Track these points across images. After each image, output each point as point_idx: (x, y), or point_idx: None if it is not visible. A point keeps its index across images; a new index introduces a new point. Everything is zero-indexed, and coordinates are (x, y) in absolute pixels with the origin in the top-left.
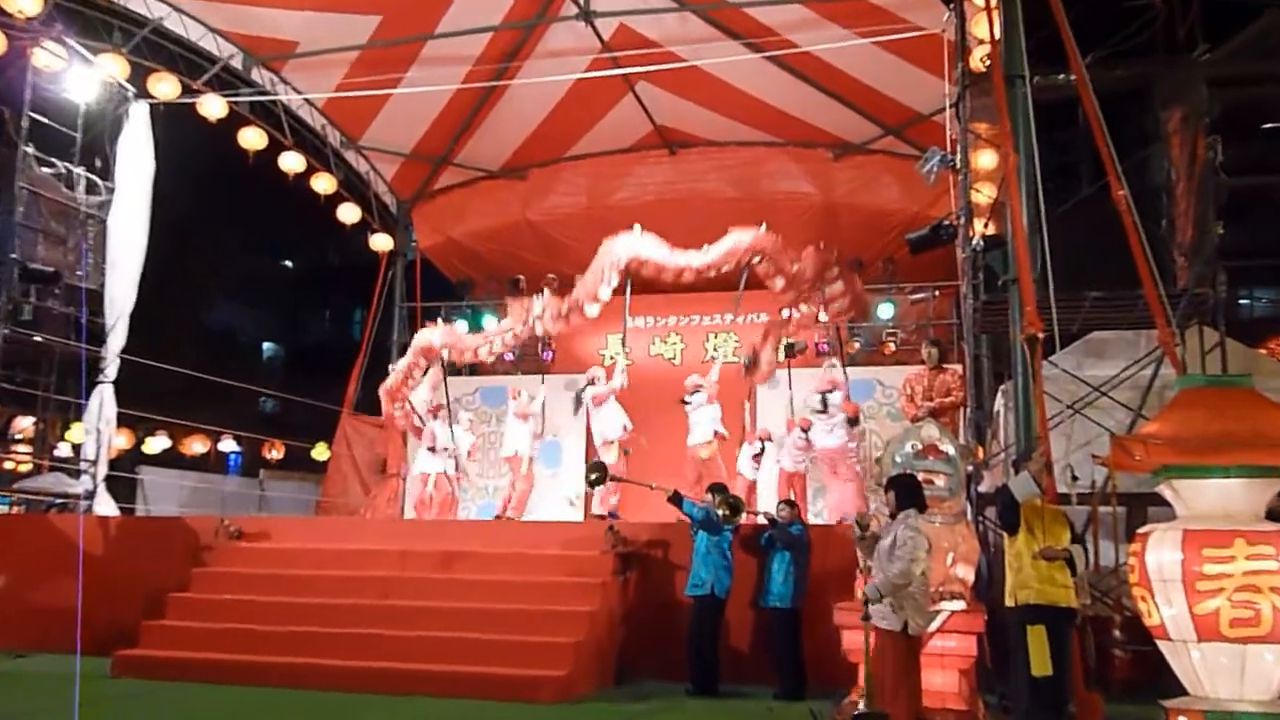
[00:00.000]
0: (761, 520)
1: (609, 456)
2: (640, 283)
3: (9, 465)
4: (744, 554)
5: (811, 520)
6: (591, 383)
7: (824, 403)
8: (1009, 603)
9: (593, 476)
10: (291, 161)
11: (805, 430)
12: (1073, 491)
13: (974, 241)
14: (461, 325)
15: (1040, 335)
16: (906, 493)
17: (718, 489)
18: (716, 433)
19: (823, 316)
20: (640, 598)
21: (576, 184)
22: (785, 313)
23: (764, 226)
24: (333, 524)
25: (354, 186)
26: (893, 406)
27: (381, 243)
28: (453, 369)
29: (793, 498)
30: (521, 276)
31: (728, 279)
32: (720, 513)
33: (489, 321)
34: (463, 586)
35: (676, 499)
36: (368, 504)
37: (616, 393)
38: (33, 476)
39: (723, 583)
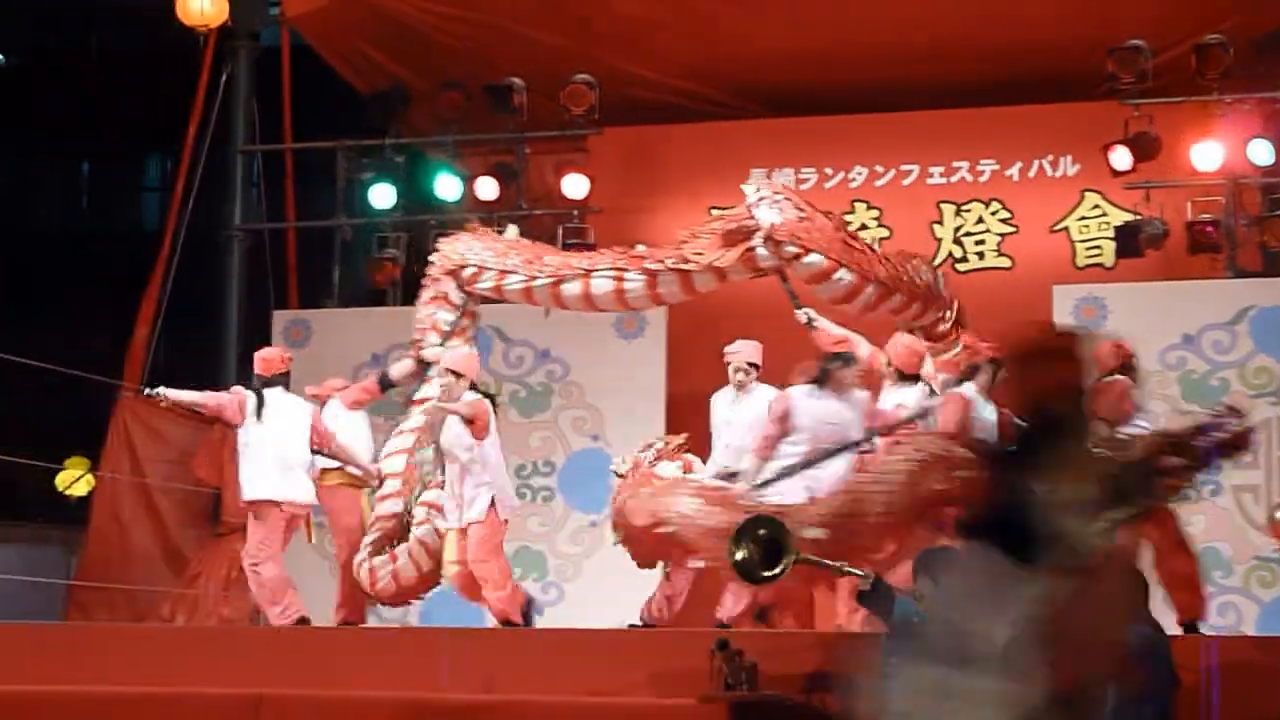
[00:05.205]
0: None
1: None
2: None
3: None
4: None
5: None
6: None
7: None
8: None
9: (742, 550)
10: None
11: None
12: None
13: None
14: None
15: None
16: None
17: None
18: None
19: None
20: None
21: None
22: None
23: None
24: (104, 637)
25: None
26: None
27: (202, 9)
28: None
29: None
30: (516, 80)
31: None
32: None
33: (447, 186)
34: None
35: (880, 595)
36: (182, 592)
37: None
38: None
39: None
